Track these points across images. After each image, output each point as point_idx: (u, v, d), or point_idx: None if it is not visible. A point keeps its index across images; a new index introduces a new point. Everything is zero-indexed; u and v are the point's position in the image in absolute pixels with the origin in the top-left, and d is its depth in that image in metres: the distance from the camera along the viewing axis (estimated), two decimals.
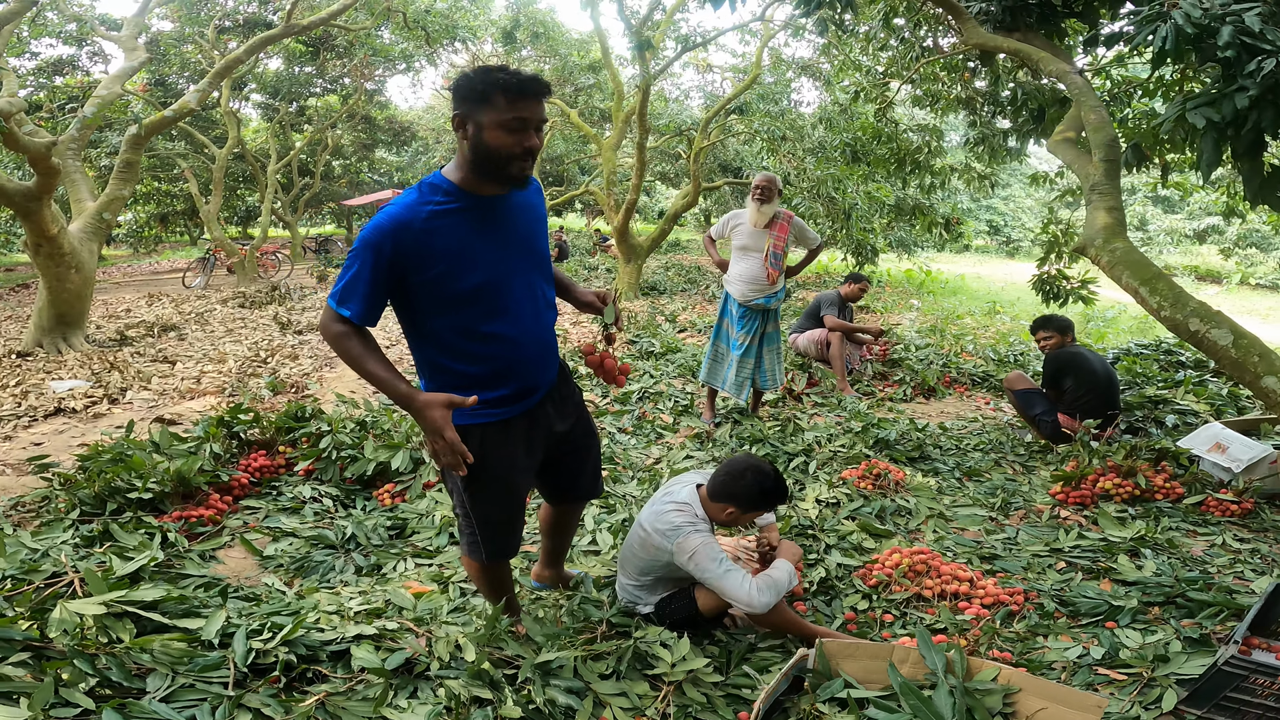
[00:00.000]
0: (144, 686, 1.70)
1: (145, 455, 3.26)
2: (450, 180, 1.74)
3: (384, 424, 3.80)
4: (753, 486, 2.21)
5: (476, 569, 2.12)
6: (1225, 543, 3.07)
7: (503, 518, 2.03)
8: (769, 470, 2.25)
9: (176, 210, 22.00)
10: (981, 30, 3.68)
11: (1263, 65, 2.25)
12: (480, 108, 1.63)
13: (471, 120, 1.65)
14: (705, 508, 2.29)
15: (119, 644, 1.79)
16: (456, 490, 1.99)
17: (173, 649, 1.81)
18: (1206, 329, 2.38)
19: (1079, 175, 3.10)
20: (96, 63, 14.80)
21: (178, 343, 7.45)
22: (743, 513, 2.25)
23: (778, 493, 2.25)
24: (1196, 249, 21.92)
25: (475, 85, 1.63)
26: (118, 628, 1.84)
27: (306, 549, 2.93)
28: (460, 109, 1.66)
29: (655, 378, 5.60)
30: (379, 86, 19.53)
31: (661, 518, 2.23)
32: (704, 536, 2.18)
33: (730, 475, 2.25)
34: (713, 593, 2.19)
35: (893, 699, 1.75)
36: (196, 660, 1.79)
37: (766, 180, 4.28)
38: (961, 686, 1.72)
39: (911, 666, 1.81)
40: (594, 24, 11.11)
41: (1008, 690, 1.72)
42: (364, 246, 1.70)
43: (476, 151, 1.67)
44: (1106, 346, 6.83)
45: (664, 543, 2.18)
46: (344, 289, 1.72)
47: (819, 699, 1.82)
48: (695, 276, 13.40)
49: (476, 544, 2.02)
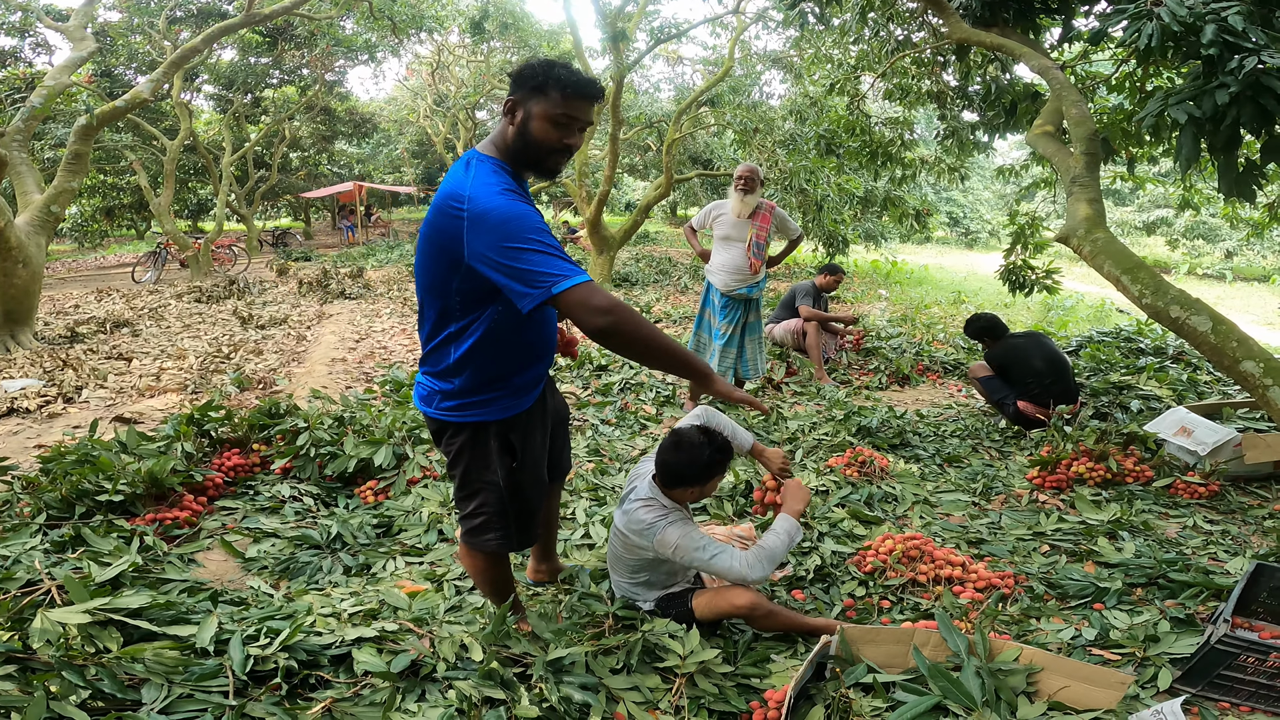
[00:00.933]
0: (139, 698, 1.63)
1: (113, 456, 3.12)
2: (503, 161, 1.73)
3: (363, 420, 3.70)
4: (692, 462, 2.08)
5: (484, 565, 2.07)
6: (1196, 524, 3.18)
7: (537, 504, 2.04)
8: (696, 439, 2.10)
9: (123, 203, 21.17)
10: (964, 25, 3.73)
11: (1244, 63, 2.32)
12: (534, 97, 1.67)
13: (523, 108, 1.68)
14: (670, 497, 2.18)
15: (107, 654, 1.72)
16: (491, 487, 1.91)
17: (166, 658, 1.74)
18: (1187, 315, 2.45)
19: (1059, 168, 3.16)
20: (41, 54, 14.19)
21: (132, 339, 7.17)
22: (701, 487, 2.14)
23: (719, 452, 2.09)
24: (1145, 240, 22.70)
25: (535, 75, 1.66)
26: (104, 637, 1.76)
27: (291, 550, 2.83)
28: (515, 94, 1.70)
29: (635, 369, 5.58)
30: (339, 78, 19.06)
31: (633, 518, 2.15)
32: (679, 527, 2.09)
33: (665, 461, 2.13)
34: (709, 600, 2.16)
35: (918, 682, 1.77)
36: (192, 669, 1.72)
37: (749, 170, 4.29)
38: (987, 667, 1.74)
39: (933, 649, 1.83)
40: (566, 15, 10.99)
41: (1031, 670, 1.75)
42: (533, 219, 1.58)
43: (521, 138, 1.70)
44: (1068, 335, 7.02)
45: (643, 542, 2.13)
46: (562, 257, 1.55)
47: (845, 684, 1.83)
48: (667, 268, 13.39)
49: (509, 536, 1.98)
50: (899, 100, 6.84)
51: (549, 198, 30.52)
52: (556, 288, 1.50)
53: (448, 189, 1.66)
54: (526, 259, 1.53)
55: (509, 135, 1.71)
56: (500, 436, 1.87)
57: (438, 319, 1.78)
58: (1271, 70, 2.34)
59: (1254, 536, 3.11)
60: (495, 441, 1.87)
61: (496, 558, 2.05)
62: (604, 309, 1.50)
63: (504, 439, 1.88)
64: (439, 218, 1.65)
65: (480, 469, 1.90)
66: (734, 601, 2.13)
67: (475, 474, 1.91)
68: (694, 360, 1.65)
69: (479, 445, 1.87)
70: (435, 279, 1.72)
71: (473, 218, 1.58)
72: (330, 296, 9.97)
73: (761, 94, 11.92)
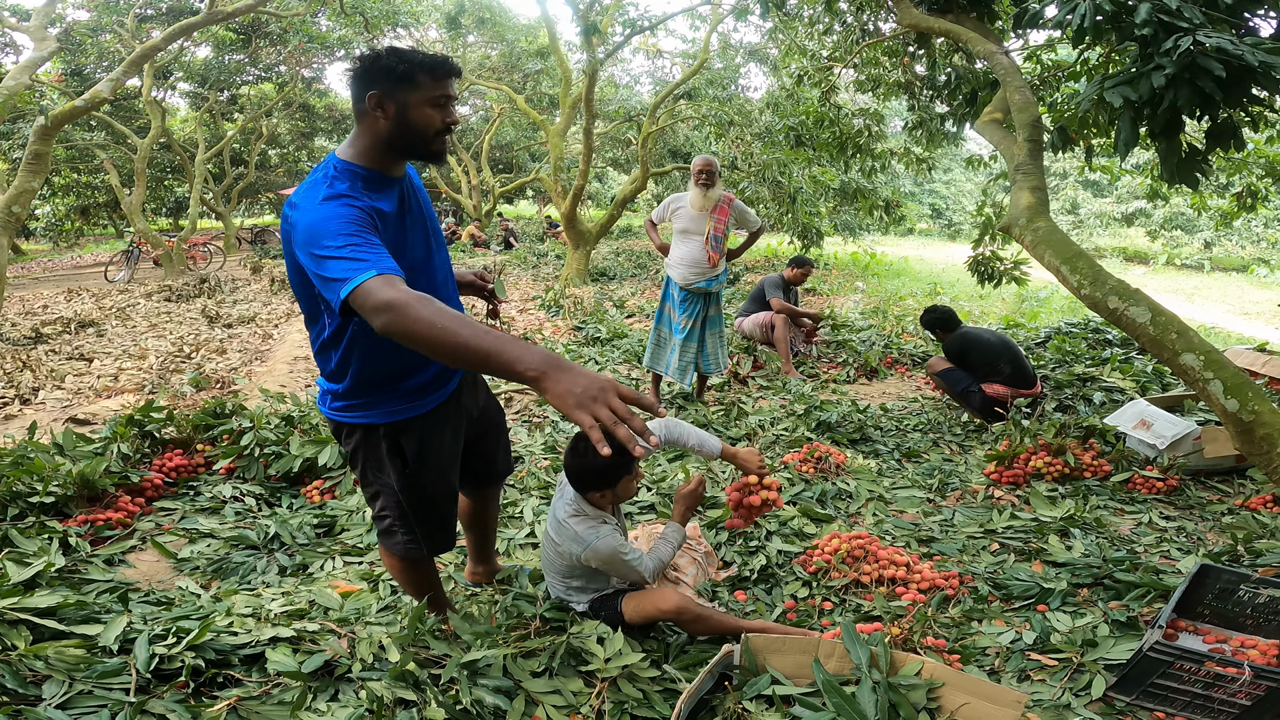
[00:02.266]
0: (40, 694, 1.63)
1: (47, 457, 3.06)
2: (361, 165, 1.65)
3: (311, 419, 3.64)
4: (593, 466, 2.03)
5: (402, 567, 2.03)
6: (1152, 521, 3.15)
7: (444, 510, 1.99)
8: (582, 446, 2.05)
9: (98, 202, 20.89)
10: (915, 11, 3.69)
11: (1179, 43, 2.27)
12: (403, 87, 1.62)
13: (393, 100, 1.62)
14: (590, 501, 2.13)
15: (13, 651, 1.72)
16: (388, 490, 1.88)
17: (68, 655, 1.74)
18: (1125, 306, 2.42)
19: (1004, 155, 3.13)
20: (8, 54, 13.97)
21: (96, 339, 7.06)
22: (615, 489, 2.10)
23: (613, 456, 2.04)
24: (1125, 231, 22.82)
25: (396, 66, 1.61)
26: (11, 635, 1.77)
27: (226, 550, 2.78)
28: (378, 89, 1.61)
29: (600, 364, 5.53)
30: (317, 74, 18.83)
31: (563, 528, 2.10)
32: (609, 540, 2.06)
33: (572, 468, 2.09)
34: (637, 603, 2.12)
35: (819, 695, 1.73)
36: (95, 667, 1.72)
37: (708, 164, 4.24)
38: (885, 682, 1.70)
39: (838, 661, 1.78)
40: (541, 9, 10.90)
41: (931, 685, 1.71)
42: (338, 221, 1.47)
43: (403, 129, 1.64)
44: (1038, 326, 7.02)
45: (574, 548, 2.09)
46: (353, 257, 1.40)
47: (744, 696, 1.79)
48: (645, 262, 13.34)
49: (415, 542, 1.93)
50: (870, 91, 6.81)
51: (534, 192, 30.39)
52: (343, 292, 1.37)
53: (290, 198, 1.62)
54: (325, 266, 1.42)
55: (380, 131, 1.63)
56: (390, 439, 1.82)
57: (315, 324, 1.75)
58: (1210, 50, 2.28)
59: (1210, 533, 3.09)
60: (385, 444, 1.82)
61: (412, 561, 2.00)
62: (380, 307, 1.33)
63: (394, 441, 1.82)
64: (282, 225, 1.62)
65: (375, 470, 1.86)
66: (660, 606, 2.08)
67: (371, 475, 1.88)
68: (500, 352, 1.26)
69: (370, 447, 1.83)
70: (298, 286, 1.68)
71: (294, 227, 1.53)
72: None
73: (739, 87, 11.87)
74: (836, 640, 1.83)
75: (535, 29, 15.97)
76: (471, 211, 20.45)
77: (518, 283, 11.03)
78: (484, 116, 22.97)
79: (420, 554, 1.96)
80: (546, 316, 7.85)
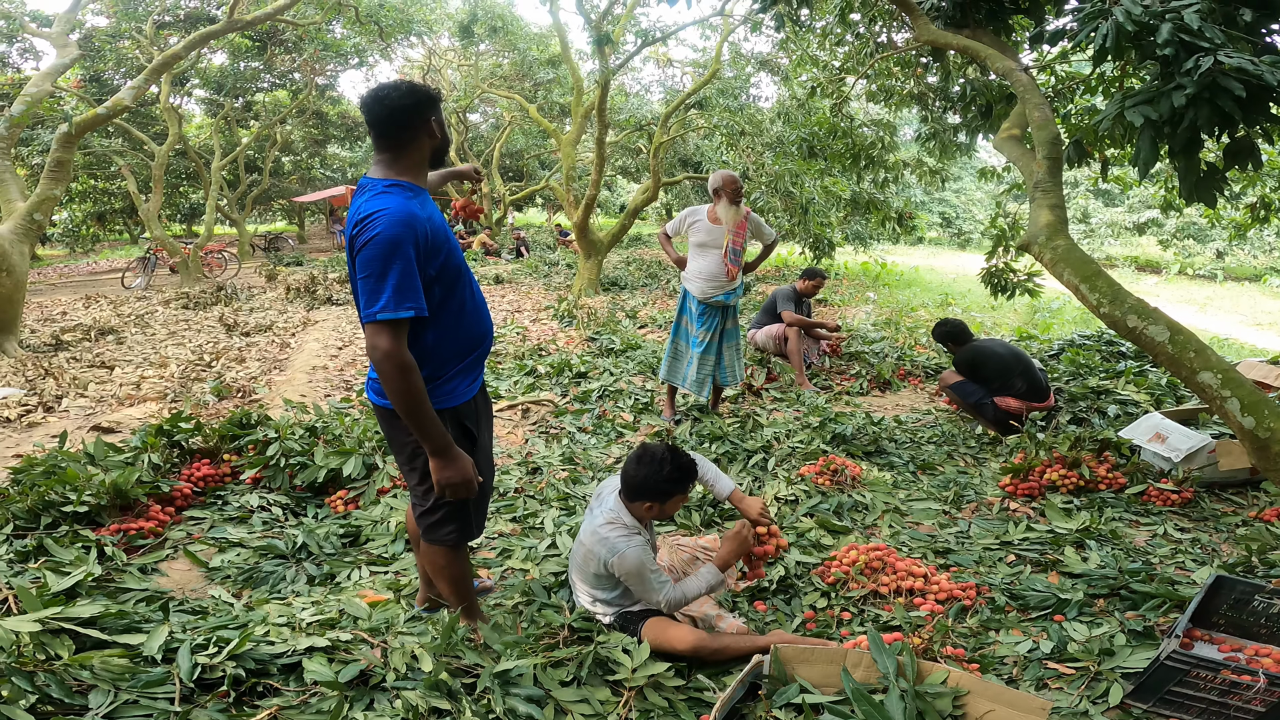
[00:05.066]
0: (86, 704, 1.67)
1: (79, 467, 3.12)
2: (408, 180, 1.89)
3: (335, 429, 3.70)
4: (652, 478, 2.13)
5: (444, 560, 2.10)
6: (1167, 532, 3.17)
7: (489, 487, 2.15)
8: (662, 454, 2.16)
9: (114, 209, 21.16)
10: (932, 27, 3.73)
11: (1200, 63, 2.29)
12: (437, 107, 1.92)
13: (436, 120, 1.91)
14: (631, 511, 2.22)
15: (57, 661, 1.76)
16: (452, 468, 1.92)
17: (113, 665, 1.78)
18: (1144, 325, 2.45)
19: (1023, 172, 3.16)
20: (28, 59, 14.18)
21: (116, 347, 7.16)
22: (663, 505, 2.19)
23: (681, 473, 2.15)
24: (1137, 240, 22.71)
25: (431, 91, 1.91)
26: (55, 644, 1.81)
27: (255, 559, 2.83)
28: (431, 112, 1.89)
29: (615, 375, 5.58)
30: (331, 81, 19.04)
31: (597, 534, 2.18)
32: (639, 553, 2.12)
33: (629, 474, 2.18)
34: (656, 633, 2.14)
35: (848, 704, 1.77)
36: (139, 676, 1.77)
37: (737, 180, 4.29)
38: (913, 690, 1.74)
39: (865, 670, 1.82)
40: (553, 18, 10.99)
41: (957, 693, 1.75)
42: (395, 243, 1.73)
43: (441, 146, 1.94)
44: (1051, 338, 7.03)
45: (603, 553, 2.15)
46: (397, 292, 1.72)
47: (774, 705, 1.83)
48: (656, 271, 13.39)
49: (468, 524, 2.08)
50: (883, 102, 6.85)
51: (543, 200, 30.53)
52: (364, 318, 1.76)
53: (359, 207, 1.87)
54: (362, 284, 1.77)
55: (428, 148, 1.92)
56: (457, 423, 1.96)
57: None
58: (1230, 70, 2.31)
59: (1225, 545, 3.11)
60: (452, 429, 1.93)
61: (456, 552, 2.10)
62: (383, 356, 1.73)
63: (459, 424, 1.97)
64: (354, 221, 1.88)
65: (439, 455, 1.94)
66: (676, 647, 2.11)
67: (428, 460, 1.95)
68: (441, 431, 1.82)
69: None
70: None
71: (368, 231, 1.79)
72: (317, 303, 9.96)
73: (750, 97, 11.93)
74: (863, 650, 1.87)
75: (547, 38, 16.09)
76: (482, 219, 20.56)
77: (529, 292, 11.10)
78: (494, 124, 23.12)
79: (470, 537, 2.11)
80: (560, 327, 7.90)
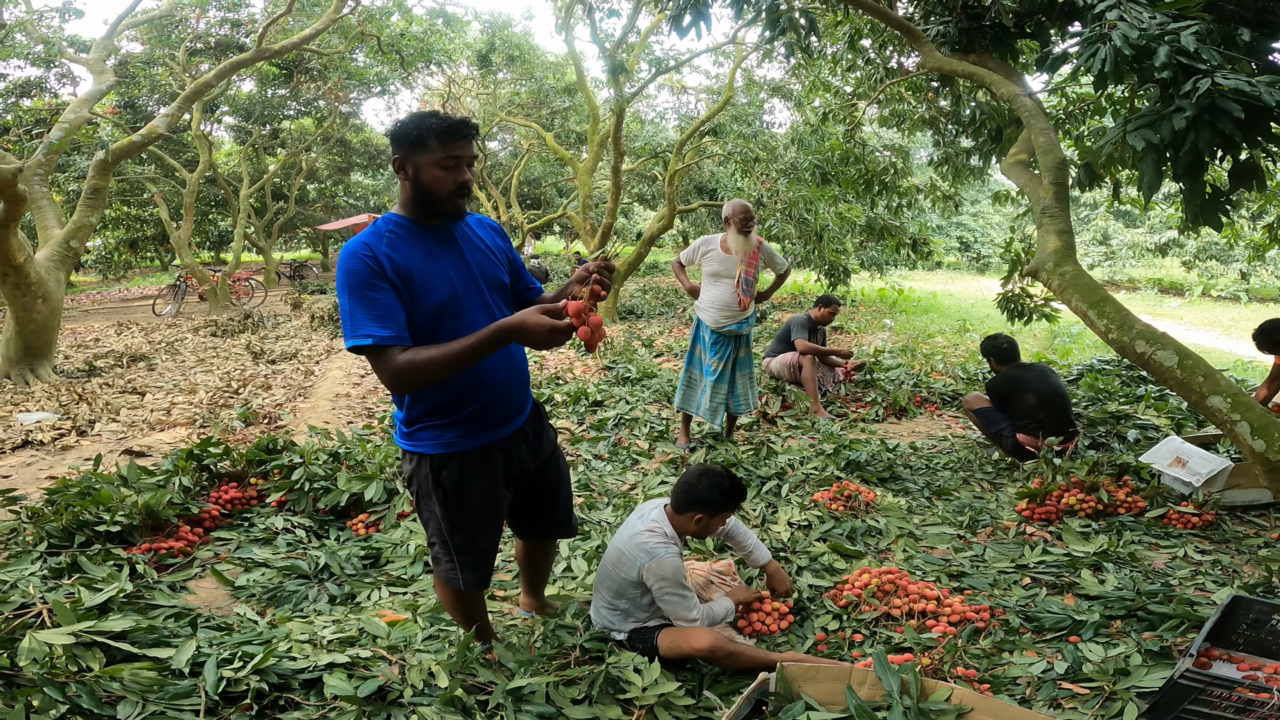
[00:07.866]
0: (115, 714, 1.73)
1: (113, 489, 3.23)
2: (399, 215, 1.88)
3: (357, 455, 3.80)
4: (712, 488, 2.34)
5: (451, 596, 2.14)
6: (1187, 554, 3.14)
7: (481, 546, 2.07)
8: (722, 471, 2.40)
9: (146, 235, 21.73)
10: (938, 54, 3.80)
11: (1198, 85, 2.33)
12: (417, 151, 1.78)
13: (410, 162, 1.80)
14: (674, 523, 2.39)
15: (89, 672, 1.82)
16: (434, 519, 2.01)
17: (143, 677, 1.84)
18: (1153, 351, 2.47)
19: (1030, 198, 3.21)
20: (65, 85, 14.64)
21: (147, 373, 7.36)
22: (710, 517, 2.37)
23: (735, 490, 2.39)
24: (1159, 261, 22.44)
25: (410, 131, 1.78)
26: (87, 657, 1.87)
27: (279, 579, 2.91)
28: (399, 153, 1.81)
29: (631, 403, 5.64)
30: (354, 109, 19.54)
31: (636, 539, 2.32)
32: (676, 561, 2.27)
33: (689, 484, 2.38)
34: (672, 639, 2.25)
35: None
36: (167, 688, 1.82)
37: (749, 210, 4.36)
38: (916, 708, 1.76)
39: (870, 688, 1.85)
40: (568, 47, 11.24)
41: (961, 710, 1.76)
42: (343, 275, 1.73)
43: (417, 190, 1.82)
44: (1071, 363, 6.99)
45: (640, 558, 2.26)
46: (351, 321, 1.72)
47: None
48: (672, 300, 13.49)
49: (455, 573, 2.05)
50: (895, 126, 6.93)
51: (560, 228, 30.90)
52: (348, 342, 1.74)
53: None
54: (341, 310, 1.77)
55: (407, 189, 1.84)
56: (435, 470, 1.95)
57: None
58: (1227, 91, 2.34)
59: (1246, 566, 3.07)
60: (431, 475, 1.95)
61: (457, 591, 2.09)
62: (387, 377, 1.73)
63: (437, 473, 1.95)
64: None
65: (424, 498, 2.00)
66: (694, 644, 2.21)
67: (421, 503, 2.02)
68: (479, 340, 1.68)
69: (421, 476, 1.97)
70: None
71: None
72: (340, 331, 10.14)
73: (764, 123, 12.08)
74: (868, 668, 1.89)
75: (563, 66, 16.42)
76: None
77: None
78: (513, 151, 23.54)
79: (458, 585, 2.06)
80: (577, 356, 7.99)
